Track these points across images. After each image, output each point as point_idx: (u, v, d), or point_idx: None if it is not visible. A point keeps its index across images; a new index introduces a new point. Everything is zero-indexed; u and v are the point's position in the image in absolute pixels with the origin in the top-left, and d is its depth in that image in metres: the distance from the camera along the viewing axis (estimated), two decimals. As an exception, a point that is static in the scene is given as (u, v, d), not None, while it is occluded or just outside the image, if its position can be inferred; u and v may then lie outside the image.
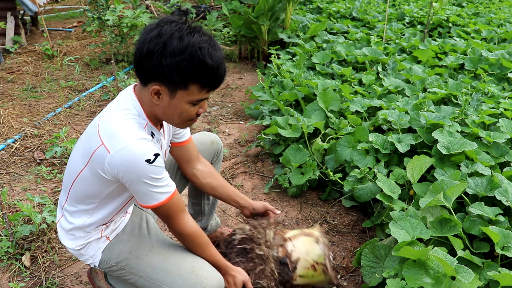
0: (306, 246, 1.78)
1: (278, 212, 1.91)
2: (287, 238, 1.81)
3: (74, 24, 7.35)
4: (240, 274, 1.62)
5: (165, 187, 1.35)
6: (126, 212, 1.63)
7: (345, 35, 5.27)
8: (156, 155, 1.28)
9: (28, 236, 2.25)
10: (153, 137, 1.40)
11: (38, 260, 2.11)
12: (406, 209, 1.97)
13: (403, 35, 5.54)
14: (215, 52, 1.26)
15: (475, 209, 1.83)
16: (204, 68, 1.25)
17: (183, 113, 1.34)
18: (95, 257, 1.53)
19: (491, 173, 2.08)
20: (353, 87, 3.45)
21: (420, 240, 1.71)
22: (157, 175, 1.30)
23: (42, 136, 3.37)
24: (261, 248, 1.73)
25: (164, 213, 1.40)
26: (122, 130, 1.28)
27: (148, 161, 1.26)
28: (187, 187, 2.00)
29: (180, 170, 1.83)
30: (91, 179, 1.36)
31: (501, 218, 1.79)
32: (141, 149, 1.26)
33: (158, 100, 1.32)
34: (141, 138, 1.28)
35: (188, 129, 1.70)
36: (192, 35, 1.23)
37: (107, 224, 1.54)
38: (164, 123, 1.53)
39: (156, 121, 1.43)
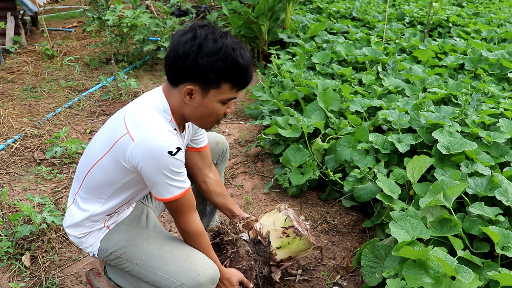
0: (271, 218, 1.87)
1: None
2: (253, 220, 1.90)
3: (74, 24, 7.34)
4: (234, 274, 1.69)
5: (181, 182, 1.39)
6: (131, 206, 1.66)
7: (345, 35, 5.27)
8: (178, 148, 1.33)
9: (28, 236, 2.25)
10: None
11: (38, 260, 2.12)
12: (406, 209, 1.97)
13: (403, 35, 5.54)
14: (245, 53, 1.37)
15: (475, 209, 1.83)
16: (236, 67, 1.33)
17: (213, 112, 1.41)
18: (94, 246, 1.56)
19: (491, 173, 2.08)
20: (353, 87, 3.45)
21: (420, 240, 1.71)
22: (177, 169, 1.34)
23: (42, 136, 3.37)
24: (229, 234, 1.81)
25: (175, 208, 1.43)
26: (149, 120, 1.35)
27: (170, 153, 1.31)
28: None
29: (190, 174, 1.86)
30: (110, 167, 1.40)
31: (501, 218, 1.79)
32: (165, 140, 1.31)
33: (190, 100, 1.38)
34: (167, 130, 1.34)
35: (206, 135, 1.77)
36: (225, 37, 1.33)
37: (111, 215, 1.56)
38: (186, 126, 1.58)
39: (180, 121, 1.48)
